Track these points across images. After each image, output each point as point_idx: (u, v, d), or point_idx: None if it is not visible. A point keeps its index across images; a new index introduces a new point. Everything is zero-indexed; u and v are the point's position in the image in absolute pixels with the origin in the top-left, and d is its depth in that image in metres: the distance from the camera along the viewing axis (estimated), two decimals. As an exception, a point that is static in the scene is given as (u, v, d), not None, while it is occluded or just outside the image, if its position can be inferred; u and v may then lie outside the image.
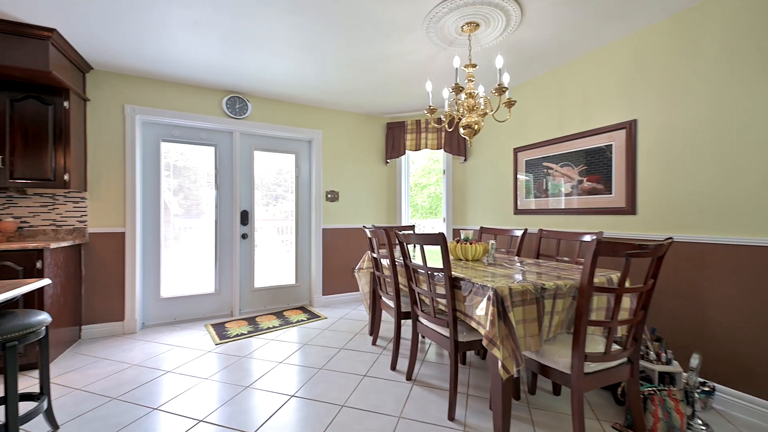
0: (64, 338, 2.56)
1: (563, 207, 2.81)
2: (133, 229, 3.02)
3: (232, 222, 3.55)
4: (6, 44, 2.16)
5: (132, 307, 3.01)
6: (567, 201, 2.78)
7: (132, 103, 3.04)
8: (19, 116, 2.43)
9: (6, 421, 1.31)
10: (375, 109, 3.98)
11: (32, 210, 2.70)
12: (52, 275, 2.36)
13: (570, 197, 2.76)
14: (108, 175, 2.95)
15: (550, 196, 2.92)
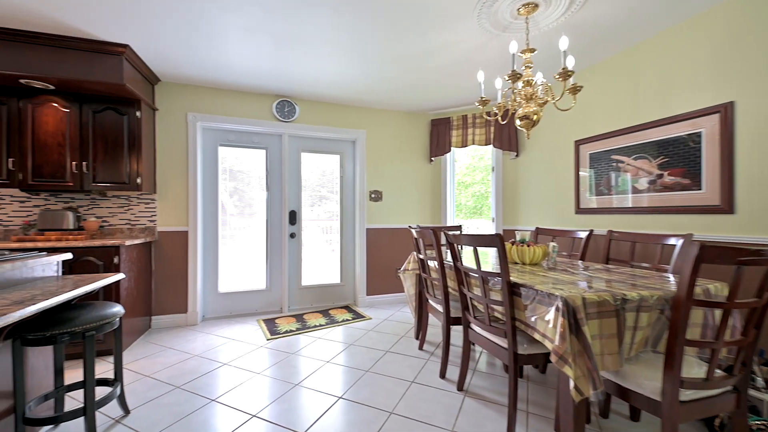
0: (137, 327, 2.81)
1: (636, 205, 2.48)
2: (195, 228, 3.24)
3: (281, 222, 3.67)
4: (88, 61, 2.42)
5: (194, 300, 3.24)
6: (641, 198, 2.45)
7: (194, 111, 3.26)
8: (99, 126, 2.71)
9: (84, 405, 1.43)
10: (419, 105, 3.87)
11: (111, 210, 3.01)
12: (126, 270, 2.61)
13: (645, 194, 2.42)
14: (173, 178, 3.20)
15: (620, 192, 2.60)
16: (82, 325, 1.44)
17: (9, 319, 1.03)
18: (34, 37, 2.29)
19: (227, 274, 3.53)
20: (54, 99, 2.59)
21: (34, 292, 1.34)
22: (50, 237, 2.55)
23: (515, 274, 1.74)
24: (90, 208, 2.95)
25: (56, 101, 2.59)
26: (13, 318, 1.04)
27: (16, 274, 1.47)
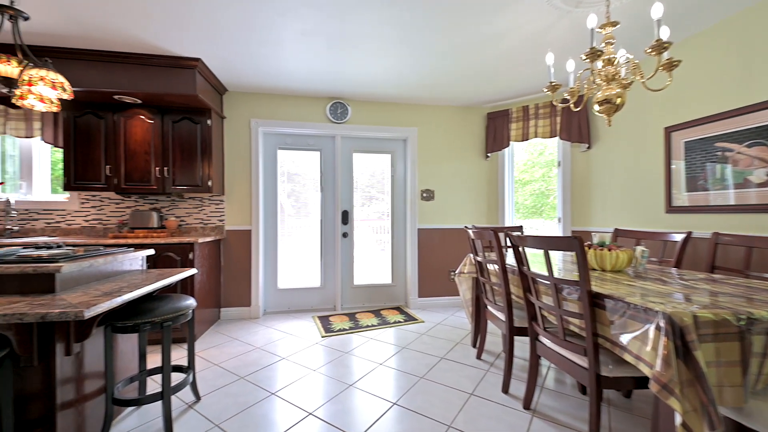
0: (208, 318, 3.06)
1: (748, 202, 2.03)
2: (257, 227, 3.44)
3: (334, 221, 3.74)
4: (167, 76, 2.68)
5: (257, 295, 3.44)
6: (756, 194, 2.00)
7: (256, 117, 3.47)
8: (177, 135, 3.00)
9: (162, 389, 1.56)
10: (474, 98, 3.66)
11: (188, 210, 3.32)
12: (199, 265, 2.84)
13: (765, 188, 1.97)
14: (239, 181, 3.43)
15: (725, 187, 2.15)
16: (161, 316, 1.56)
17: (98, 310, 1.13)
18: (125, 57, 2.60)
19: (285, 271, 3.69)
20: (141, 112, 2.92)
21: (122, 285, 1.49)
22: (138, 234, 2.88)
23: (596, 282, 1.51)
24: (170, 209, 3.29)
25: (143, 114, 2.93)
26: (101, 309, 1.14)
27: (108, 268, 1.65)
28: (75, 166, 2.84)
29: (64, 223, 3.11)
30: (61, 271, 1.32)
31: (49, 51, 2.50)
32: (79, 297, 1.25)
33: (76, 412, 1.44)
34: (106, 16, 2.12)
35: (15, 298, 1.23)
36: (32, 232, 3.05)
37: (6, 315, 1.04)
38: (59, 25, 2.22)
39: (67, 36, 2.36)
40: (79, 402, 1.45)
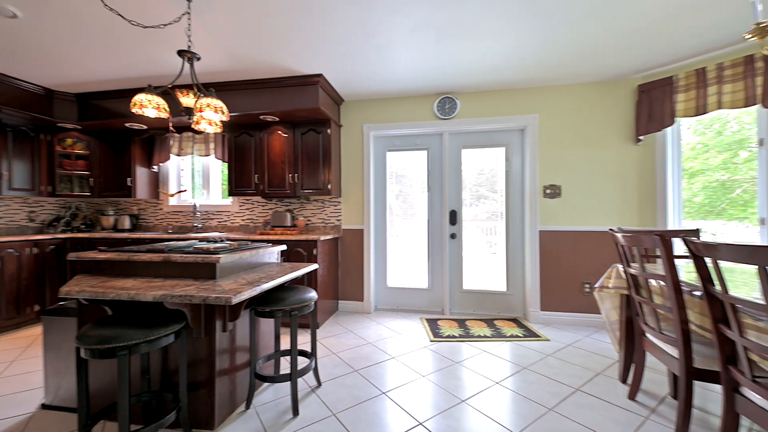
0: (328, 308, 3.36)
1: None
2: (368, 227, 3.61)
3: (441, 222, 3.60)
4: (297, 94, 3.06)
5: (368, 291, 3.61)
6: None
7: (368, 123, 3.64)
8: (305, 145, 3.40)
9: (290, 371, 1.73)
10: (617, 69, 2.94)
11: (313, 211, 3.74)
12: (321, 260, 3.15)
13: None
14: (353, 184, 3.67)
15: None
16: (290, 305, 1.74)
17: (242, 297, 1.30)
18: (266, 82, 3.08)
19: (394, 270, 3.76)
20: (278, 128, 3.43)
21: (261, 275, 1.72)
22: (277, 231, 3.39)
23: None
24: (300, 210, 3.77)
25: (280, 129, 3.43)
26: (244, 296, 1.32)
27: (252, 260, 1.94)
28: (235, 176, 3.54)
29: (228, 222, 3.93)
30: (219, 262, 1.60)
31: (213, 85, 3.18)
32: (230, 284, 1.49)
33: (229, 379, 1.73)
34: (255, 49, 2.54)
35: (189, 281, 1.55)
36: (210, 228, 3.96)
37: (182, 296, 1.30)
38: (222, 62, 2.78)
39: (226, 71, 2.94)
40: (231, 371, 1.75)
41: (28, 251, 3.19)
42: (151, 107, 1.79)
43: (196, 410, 1.63)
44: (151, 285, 1.47)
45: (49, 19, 2.15)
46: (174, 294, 1.33)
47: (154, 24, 2.16)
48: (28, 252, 3.19)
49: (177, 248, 1.80)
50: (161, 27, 1.91)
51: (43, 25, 2.21)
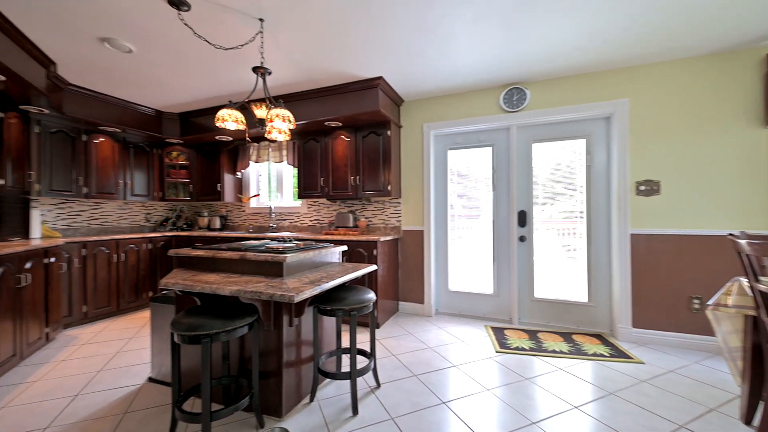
0: (388, 309, 3.38)
1: None
2: (428, 228, 3.54)
3: (508, 223, 3.35)
4: (358, 99, 3.13)
5: (429, 293, 3.54)
6: None
7: (427, 122, 3.57)
8: (366, 148, 3.48)
9: (350, 370, 1.76)
10: (735, 37, 2.37)
11: (374, 212, 3.81)
12: (381, 261, 3.17)
13: None
14: (412, 184, 3.63)
15: None
16: (349, 305, 1.78)
17: (303, 296, 1.36)
18: (329, 90, 3.23)
19: (456, 274, 3.62)
20: (341, 132, 3.57)
21: (323, 275, 1.79)
22: (340, 232, 3.52)
23: None
24: (361, 211, 3.87)
25: (343, 134, 3.56)
26: (305, 296, 1.37)
27: (316, 259, 2.03)
28: (303, 180, 3.79)
29: (298, 222, 4.22)
30: (286, 261, 1.71)
31: (283, 97, 3.44)
32: (294, 283, 1.58)
33: (295, 372, 1.83)
34: (320, 59, 2.68)
35: (261, 278, 1.68)
36: (283, 228, 4.30)
37: (252, 292, 1.42)
38: (291, 75, 2.98)
39: (295, 82, 3.15)
40: (297, 364, 1.85)
41: (144, 246, 3.85)
42: (231, 120, 1.99)
43: (267, 397, 1.76)
44: (229, 280, 1.64)
45: (156, 52, 2.56)
46: (246, 290, 1.45)
47: (233, 45, 2.42)
48: (144, 247, 3.85)
49: (252, 247, 1.97)
50: (239, 47, 2.13)
51: (153, 57, 2.64)
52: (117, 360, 2.45)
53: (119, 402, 1.89)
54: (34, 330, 2.50)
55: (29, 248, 2.44)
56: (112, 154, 3.82)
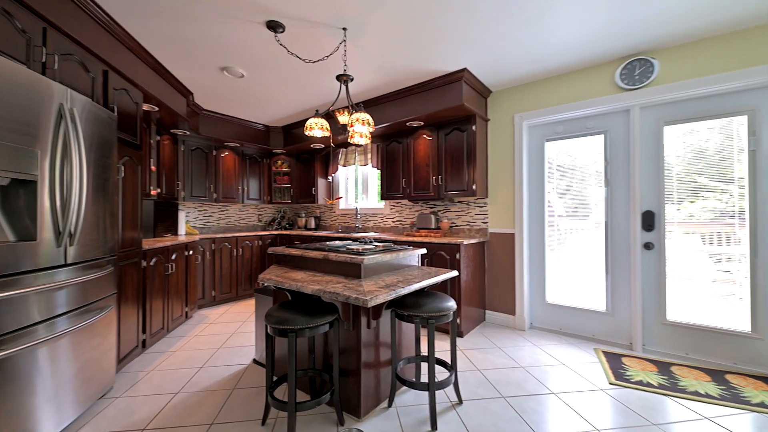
0: (474, 317, 3.14)
1: None
2: (521, 230, 3.17)
3: (628, 226, 2.74)
4: (440, 95, 3.00)
5: (521, 304, 3.16)
6: None
7: (519, 112, 3.20)
8: (448, 146, 3.31)
9: (429, 382, 1.66)
10: None
11: (457, 213, 3.61)
12: (465, 265, 2.97)
13: None
14: (501, 182, 3.31)
15: None
16: (426, 312, 1.68)
17: (377, 301, 1.32)
18: (410, 90, 3.18)
19: (555, 284, 3.14)
20: (423, 132, 3.49)
21: (399, 279, 1.74)
22: (422, 233, 3.44)
23: None
24: (444, 212, 3.71)
25: (425, 133, 3.48)
26: (378, 301, 1.33)
27: (394, 262, 2.00)
28: (385, 182, 3.84)
29: (381, 223, 4.31)
30: (363, 263, 1.71)
31: (365, 102, 3.53)
32: (370, 285, 1.56)
33: (374, 374, 1.83)
34: (401, 59, 2.66)
35: (341, 279, 1.72)
36: (367, 229, 4.46)
37: (331, 293, 1.45)
38: (372, 79, 3.04)
39: (376, 86, 3.20)
40: (375, 366, 1.84)
41: (256, 243, 4.47)
42: (317, 129, 2.12)
43: (347, 395, 1.80)
44: (313, 279, 1.73)
45: (263, 74, 2.92)
46: (326, 290, 1.49)
47: (320, 58, 2.58)
48: (256, 244, 4.47)
49: (334, 248, 2.06)
50: (324, 59, 2.25)
51: (259, 78, 3.02)
52: (232, 340, 2.87)
53: (230, 378, 2.20)
54: (177, 309, 3.13)
55: (175, 243, 3.07)
56: (234, 165, 4.55)
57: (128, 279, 2.30)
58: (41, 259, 1.50)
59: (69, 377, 1.65)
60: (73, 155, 1.62)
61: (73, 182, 1.62)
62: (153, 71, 2.69)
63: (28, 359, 1.44)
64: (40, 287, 1.46)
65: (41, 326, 1.50)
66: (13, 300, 1.37)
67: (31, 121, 1.44)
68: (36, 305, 1.47)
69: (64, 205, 1.60)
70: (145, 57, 2.51)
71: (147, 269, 2.59)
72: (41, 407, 1.49)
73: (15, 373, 1.38)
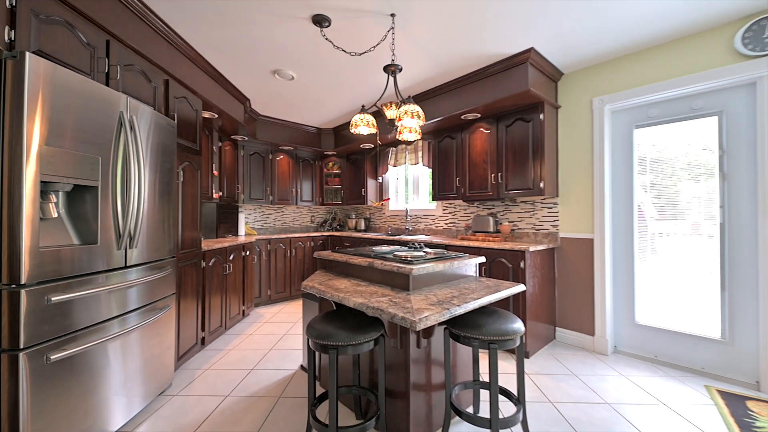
0: (541, 334, 2.73)
1: None
2: (601, 235, 2.67)
3: (754, 231, 2.12)
4: (499, 82, 2.66)
5: (602, 323, 2.67)
6: None
7: (599, 95, 2.71)
8: (510, 139, 2.94)
9: (490, 417, 1.39)
10: None
11: (520, 215, 3.20)
12: (530, 275, 2.59)
13: None
14: (576, 179, 2.84)
15: None
16: (488, 335, 1.42)
17: (427, 323, 1.11)
18: (465, 79, 2.88)
19: (648, 300, 2.59)
20: (480, 125, 3.16)
21: (454, 293, 1.49)
22: (478, 237, 3.12)
23: None
24: (504, 213, 3.33)
25: (482, 126, 3.14)
26: (429, 323, 1.12)
27: (447, 271, 1.76)
28: (438, 181, 3.58)
29: (433, 226, 4.05)
30: (412, 273, 1.51)
31: (416, 95, 3.30)
32: (419, 301, 1.35)
33: (425, 399, 1.61)
34: (455, 43, 2.40)
35: (387, 290, 1.54)
36: (418, 231, 4.24)
37: (374, 308, 1.27)
38: (423, 69, 2.81)
39: (428, 78, 2.96)
40: (426, 389, 1.62)
41: (308, 244, 4.53)
42: (363, 125, 1.97)
43: (394, 420, 1.61)
44: (357, 289, 1.57)
45: (312, 75, 2.89)
46: (369, 304, 1.32)
47: (366, 49, 2.43)
48: (308, 245, 4.53)
49: (380, 254, 1.88)
50: (371, 50, 2.10)
51: (310, 80, 3.00)
52: (283, 342, 2.88)
53: (277, 385, 2.15)
54: (234, 307, 3.25)
55: (232, 244, 3.19)
56: (288, 167, 4.67)
57: (188, 279, 2.40)
58: (101, 262, 1.57)
59: (133, 373, 1.73)
60: (132, 161, 1.68)
61: (131, 188, 1.68)
62: (212, 79, 2.81)
63: (99, 353, 1.51)
64: (102, 288, 1.53)
65: (101, 326, 1.57)
66: (77, 300, 1.44)
67: (91, 128, 1.51)
68: (96, 305, 1.54)
69: (125, 210, 1.67)
70: (204, 65, 2.62)
71: (206, 269, 2.70)
72: (112, 398, 1.57)
73: (88, 365, 1.45)
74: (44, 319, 1.32)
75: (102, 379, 1.55)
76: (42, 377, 1.31)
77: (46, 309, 1.32)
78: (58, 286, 1.37)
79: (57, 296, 1.35)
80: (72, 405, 1.42)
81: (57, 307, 1.36)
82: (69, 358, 1.40)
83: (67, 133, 1.40)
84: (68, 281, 1.41)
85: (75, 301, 1.43)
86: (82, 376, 1.46)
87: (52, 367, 1.34)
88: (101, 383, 1.55)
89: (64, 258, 1.40)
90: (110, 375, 1.60)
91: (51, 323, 1.34)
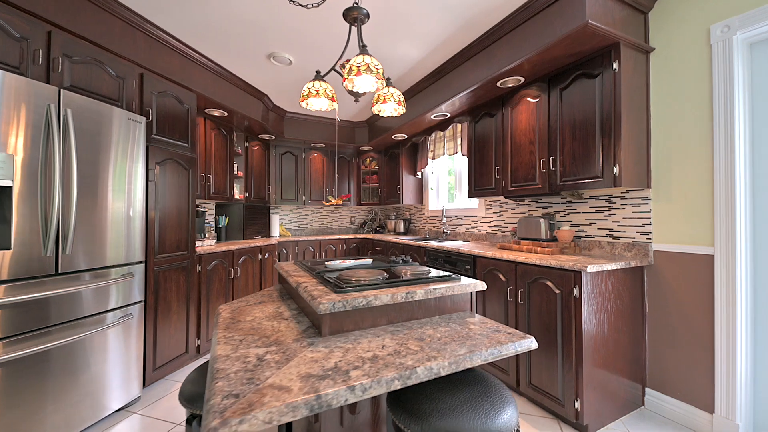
0: (616, 394, 1.80)
1: None
2: (730, 250, 1.62)
3: None
4: (547, 22, 1.85)
5: (729, 394, 1.61)
6: None
7: (723, 18, 1.65)
8: (567, 106, 2.05)
9: None
10: None
11: (588, 216, 2.25)
12: (594, 306, 1.71)
13: None
14: (681, 161, 1.80)
15: None
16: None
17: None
18: (500, 28, 2.12)
19: (835, 370, 1.44)
20: (525, 93, 2.32)
21: (396, 347, 0.88)
22: (523, 246, 2.29)
23: None
24: (566, 214, 2.40)
25: (527, 94, 2.31)
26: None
27: (410, 302, 1.13)
28: (474, 172, 2.83)
29: (475, 229, 3.27)
30: (319, 311, 0.96)
31: (439, 67, 2.62)
32: (295, 365, 0.80)
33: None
34: (460, -21, 1.72)
35: (294, 331, 1.02)
36: (458, 235, 3.49)
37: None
38: (441, 26, 2.16)
39: (447, 39, 2.29)
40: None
41: (340, 247, 4.22)
42: (315, 96, 1.47)
43: None
44: (260, 326, 1.09)
45: (308, 55, 2.51)
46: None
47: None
48: (340, 248, 4.22)
49: (320, 272, 1.36)
50: None
51: (308, 62, 2.63)
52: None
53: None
54: (244, 313, 3.10)
55: (242, 246, 3.03)
56: (322, 166, 4.43)
57: (170, 285, 2.26)
58: (21, 268, 1.43)
59: (76, 389, 1.58)
60: (57, 159, 1.52)
61: (55, 188, 1.52)
62: (211, 72, 2.67)
63: (24, 366, 1.38)
64: (23, 297, 1.39)
65: (23, 336, 1.43)
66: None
67: (3, 125, 1.37)
68: (20, 314, 1.41)
69: (50, 213, 1.52)
70: (193, 55, 2.47)
71: (202, 274, 2.56)
72: (40, 414, 1.43)
73: (11, 378, 1.32)
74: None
75: (30, 395, 1.42)
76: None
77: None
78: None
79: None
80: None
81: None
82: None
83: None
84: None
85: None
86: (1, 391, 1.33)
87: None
88: (30, 398, 1.41)
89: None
90: (40, 392, 1.46)
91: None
